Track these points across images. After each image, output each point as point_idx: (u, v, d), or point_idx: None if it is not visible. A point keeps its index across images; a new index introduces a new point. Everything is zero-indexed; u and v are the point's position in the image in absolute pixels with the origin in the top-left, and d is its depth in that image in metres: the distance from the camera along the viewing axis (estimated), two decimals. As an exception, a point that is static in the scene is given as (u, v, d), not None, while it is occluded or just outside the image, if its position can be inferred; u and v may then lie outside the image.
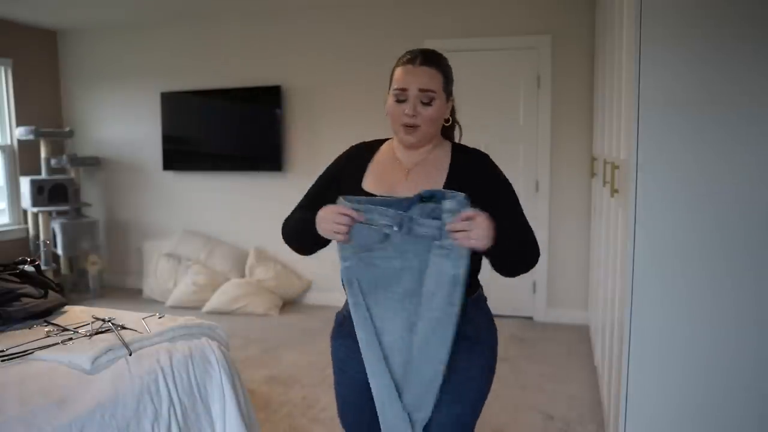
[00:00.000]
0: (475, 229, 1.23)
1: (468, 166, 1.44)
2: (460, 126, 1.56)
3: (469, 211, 1.24)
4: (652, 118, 1.68)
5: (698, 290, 1.68)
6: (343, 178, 1.51)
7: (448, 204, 1.26)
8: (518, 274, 1.40)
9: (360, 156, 1.54)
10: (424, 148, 1.47)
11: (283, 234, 1.54)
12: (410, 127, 1.42)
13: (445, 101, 1.44)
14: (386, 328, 1.35)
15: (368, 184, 1.46)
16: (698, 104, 1.65)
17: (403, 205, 1.32)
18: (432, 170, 1.43)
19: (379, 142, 1.58)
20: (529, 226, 1.43)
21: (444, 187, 1.37)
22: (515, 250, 1.37)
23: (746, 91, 1.61)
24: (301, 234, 1.48)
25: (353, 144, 1.59)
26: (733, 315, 1.66)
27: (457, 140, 1.56)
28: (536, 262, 1.41)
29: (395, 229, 1.31)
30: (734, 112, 1.62)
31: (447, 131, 1.52)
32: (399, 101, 1.44)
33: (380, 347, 1.35)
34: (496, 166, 1.45)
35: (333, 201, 1.37)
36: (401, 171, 1.46)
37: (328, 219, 1.32)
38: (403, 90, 1.42)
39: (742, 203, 1.63)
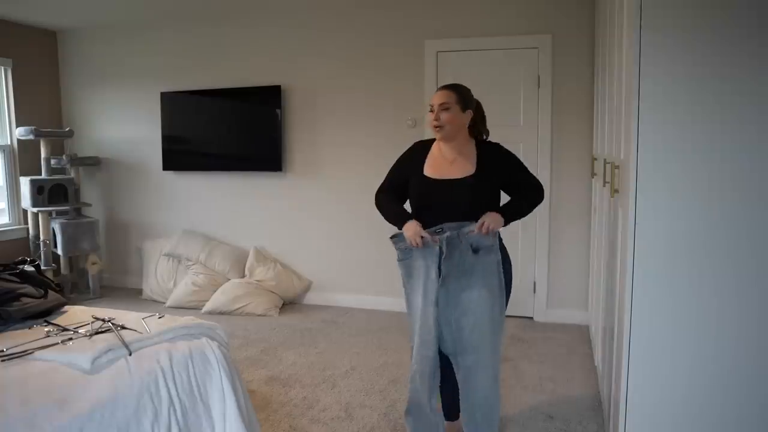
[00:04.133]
0: (491, 222, 2.09)
1: (489, 154, 2.23)
2: (483, 130, 2.34)
3: (482, 219, 2.10)
4: (652, 118, 1.68)
5: (698, 290, 1.68)
6: (411, 166, 2.28)
7: (470, 226, 2.11)
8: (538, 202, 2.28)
9: (420, 151, 2.30)
10: (455, 143, 2.21)
11: (377, 206, 2.34)
12: (437, 128, 2.19)
13: (460, 111, 2.19)
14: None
15: (427, 170, 2.22)
16: (698, 104, 1.65)
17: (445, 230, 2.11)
18: (466, 162, 2.20)
19: (431, 141, 2.32)
20: (534, 177, 2.29)
21: (476, 169, 2.18)
22: (524, 210, 2.24)
23: (746, 91, 1.61)
24: (390, 220, 2.27)
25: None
26: (733, 315, 1.66)
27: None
28: (542, 200, 2.29)
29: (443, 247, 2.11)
30: (734, 112, 1.62)
31: (474, 134, 2.30)
32: (431, 111, 2.21)
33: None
34: (504, 149, 2.28)
35: (405, 181, 2.27)
36: (447, 161, 2.22)
37: (410, 230, 2.13)
38: (431, 105, 2.21)
39: (742, 203, 1.63)
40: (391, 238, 2.18)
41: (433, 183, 2.18)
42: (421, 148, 2.30)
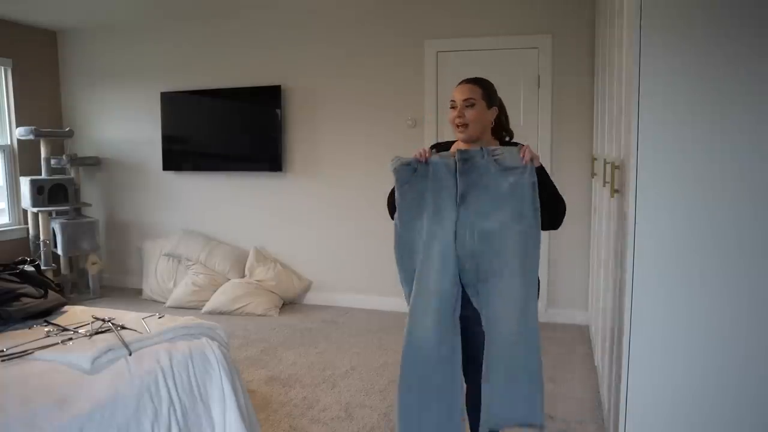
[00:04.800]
0: (531, 150, 1.78)
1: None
2: (511, 131, 2.05)
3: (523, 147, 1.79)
4: (652, 118, 1.68)
5: (698, 290, 1.68)
6: None
7: (510, 150, 1.78)
8: (559, 223, 1.95)
9: (441, 150, 1.97)
10: (478, 145, 1.88)
11: (390, 207, 1.99)
12: (460, 126, 1.89)
13: (485, 108, 1.92)
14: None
15: None
16: (698, 104, 1.65)
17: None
18: None
19: (449, 144, 2.05)
20: (559, 193, 1.93)
21: None
22: (554, 196, 1.89)
23: (746, 91, 1.61)
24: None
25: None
26: (733, 315, 1.66)
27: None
28: (562, 218, 1.95)
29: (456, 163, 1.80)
30: (734, 112, 1.62)
31: (497, 134, 2.01)
32: (452, 108, 1.93)
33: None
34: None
35: None
36: None
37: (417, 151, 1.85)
38: (453, 101, 1.93)
39: (742, 203, 1.63)
40: (391, 162, 1.87)
41: None
42: (442, 148, 1.99)
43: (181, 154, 4.98)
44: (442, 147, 2.00)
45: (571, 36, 4.00)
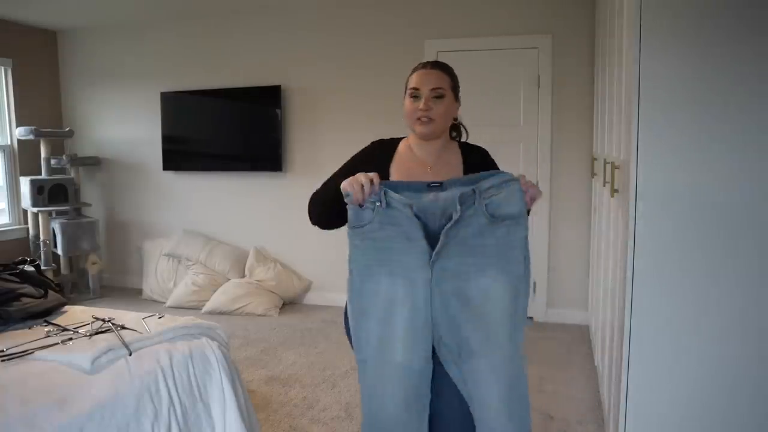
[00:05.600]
0: (531, 184, 1.47)
1: (476, 159, 1.68)
2: (465, 128, 1.79)
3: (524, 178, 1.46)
4: (652, 118, 1.68)
5: (698, 290, 1.68)
6: (369, 171, 1.51)
7: (505, 177, 1.44)
8: None
9: (382, 152, 1.71)
10: (437, 143, 1.67)
11: (310, 207, 1.73)
12: (424, 120, 1.61)
13: (453, 100, 1.65)
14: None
15: (395, 177, 1.63)
16: (698, 104, 1.65)
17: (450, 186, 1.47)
18: (449, 165, 1.65)
19: (395, 141, 1.74)
20: None
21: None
22: None
23: (746, 90, 1.61)
24: (325, 199, 1.65)
25: (373, 140, 1.78)
26: (733, 315, 1.66)
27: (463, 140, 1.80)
28: None
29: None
30: (734, 112, 1.62)
31: (453, 134, 1.75)
32: (414, 97, 1.63)
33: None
34: (492, 159, 1.72)
35: None
36: (423, 167, 1.65)
37: (349, 179, 1.46)
38: (417, 89, 1.62)
39: (742, 203, 1.63)
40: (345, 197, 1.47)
41: None
42: (383, 149, 1.71)
43: (181, 154, 4.98)
44: (386, 146, 1.71)
45: (571, 36, 4.00)
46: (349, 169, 1.64)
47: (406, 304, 1.44)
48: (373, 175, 1.44)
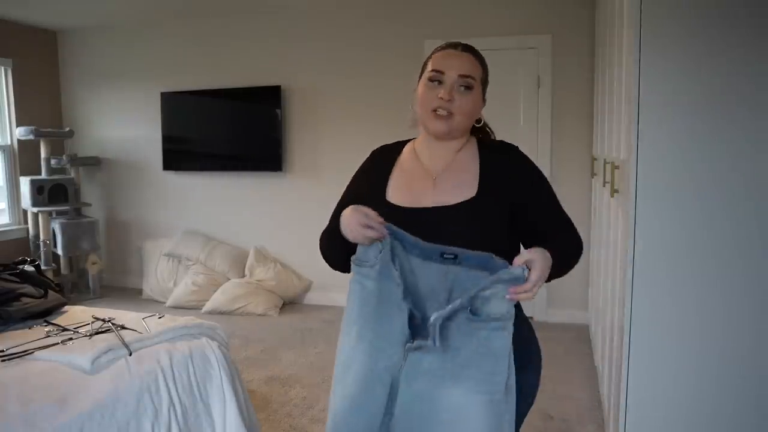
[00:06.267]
0: (540, 274, 1.10)
1: (499, 166, 1.29)
2: (492, 132, 1.46)
3: (531, 281, 1.09)
4: (652, 118, 1.68)
5: (698, 290, 1.68)
6: (367, 187, 1.36)
7: (505, 276, 1.10)
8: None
9: (382, 162, 1.39)
10: (452, 146, 1.32)
11: (321, 250, 1.41)
12: (442, 114, 1.26)
13: (481, 97, 1.35)
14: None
15: (393, 194, 1.31)
16: (698, 104, 1.65)
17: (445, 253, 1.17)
18: (461, 177, 1.28)
19: (399, 145, 1.42)
20: (570, 220, 1.31)
21: (478, 196, 1.24)
22: (569, 260, 1.24)
23: (746, 90, 1.61)
24: (330, 246, 1.35)
25: (374, 148, 1.47)
26: (733, 315, 1.66)
27: None
28: (581, 254, 1.28)
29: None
30: (734, 111, 1.62)
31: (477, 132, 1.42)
32: (433, 83, 1.27)
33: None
34: (528, 160, 1.33)
35: None
36: (427, 179, 1.30)
37: (347, 219, 1.21)
38: (441, 72, 1.27)
39: (742, 202, 1.63)
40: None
41: (402, 214, 1.25)
42: (383, 158, 1.40)
43: (181, 154, 4.98)
44: (387, 153, 1.40)
45: (571, 36, 4.00)
46: (350, 192, 1.42)
47: (361, 379, 1.18)
48: (366, 217, 1.18)
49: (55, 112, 5.34)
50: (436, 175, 1.30)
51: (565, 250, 1.23)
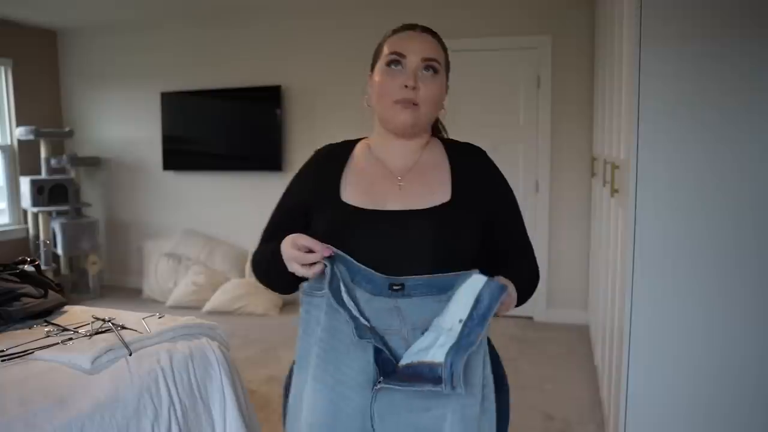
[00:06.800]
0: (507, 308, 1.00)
1: (472, 171, 1.15)
2: (445, 129, 1.28)
3: (504, 297, 0.96)
4: (652, 118, 1.68)
5: (698, 290, 1.68)
6: (314, 190, 1.18)
7: (485, 298, 0.96)
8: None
9: (328, 163, 1.21)
10: (416, 144, 1.16)
11: (255, 274, 1.22)
12: (408, 106, 1.09)
13: (445, 84, 1.16)
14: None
15: (349, 195, 1.12)
16: (698, 104, 1.65)
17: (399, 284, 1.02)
18: (431, 179, 1.13)
19: (348, 144, 1.26)
20: (531, 245, 1.19)
21: (452, 201, 1.09)
22: (527, 289, 1.11)
23: (746, 90, 1.61)
24: (269, 271, 1.15)
25: (318, 148, 1.32)
26: (733, 315, 1.66)
27: None
28: (538, 281, 1.17)
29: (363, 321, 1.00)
30: (734, 111, 1.62)
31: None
32: (392, 68, 1.11)
33: None
34: (496, 167, 1.19)
35: (304, 222, 1.15)
36: (391, 179, 1.13)
37: (287, 247, 1.04)
38: (401, 55, 1.10)
39: (742, 203, 1.63)
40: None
41: (363, 217, 1.09)
42: (330, 158, 1.24)
43: (181, 154, 4.98)
44: (335, 154, 1.24)
45: (571, 36, 4.00)
46: (291, 200, 1.25)
47: (330, 423, 1.03)
48: (296, 244, 1.02)
49: (55, 112, 5.34)
50: (401, 176, 1.14)
51: (526, 280, 1.11)
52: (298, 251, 1.01)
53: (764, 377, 1.65)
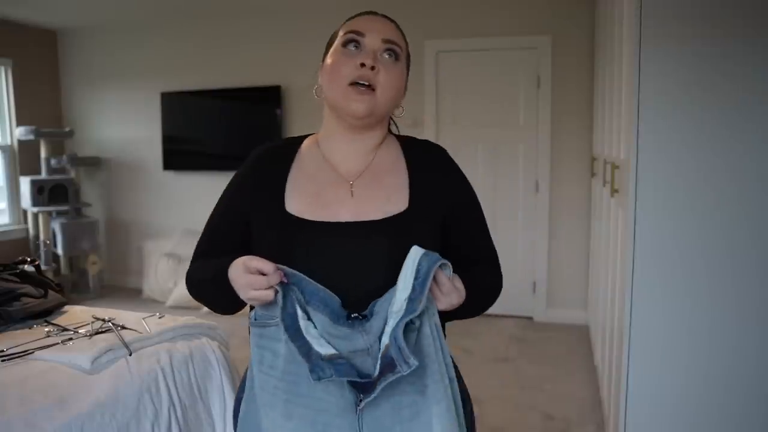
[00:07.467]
0: (455, 295, 0.92)
1: (431, 174, 1.04)
2: (397, 126, 1.15)
3: (445, 270, 0.90)
4: (652, 118, 1.68)
5: (698, 290, 1.68)
6: (254, 201, 1.03)
7: (424, 265, 0.89)
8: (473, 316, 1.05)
9: (270, 167, 1.06)
10: (370, 141, 1.04)
11: (191, 293, 1.13)
12: (363, 90, 0.97)
13: (406, 77, 1.05)
14: None
15: (295, 205, 1.00)
16: (698, 104, 1.65)
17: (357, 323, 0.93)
18: (386, 184, 1.01)
19: (293, 142, 1.10)
20: (496, 252, 1.10)
21: (409, 210, 0.99)
22: (485, 294, 1.04)
23: (746, 90, 1.61)
24: (214, 294, 1.07)
25: (258, 146, 1.12)
26: (733, 315, 1.66)
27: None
28: (500, 289, 1.08)
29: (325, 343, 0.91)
30: (734, 111, 1.62)
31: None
32: (349, 48, 1.01)
33: None
34: (458, 168, 1.09)
35: (240, 233, 1.04)
36: (342, 185, 1.01)
37: (239, 276, 0.93)
38: (359, 34, 1.01)
39: (742, 203, 1.63)
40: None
41: (311, 230, 0.98)
42: (274, 159, 1.08)
43: (181, 154, 4.98)
44: (278, 153, 1.08)
45: (571, 36, 4.00)
46: (226, 208, 1.13)
47: None
48: (253, 267, 0.89)
49: (55, 112, 5.34)
50: (353, 181, 1.01)
51: (484, 286, 1.03)
52: (253, 276, 0.89)
53: (764, 377, 1.65)
